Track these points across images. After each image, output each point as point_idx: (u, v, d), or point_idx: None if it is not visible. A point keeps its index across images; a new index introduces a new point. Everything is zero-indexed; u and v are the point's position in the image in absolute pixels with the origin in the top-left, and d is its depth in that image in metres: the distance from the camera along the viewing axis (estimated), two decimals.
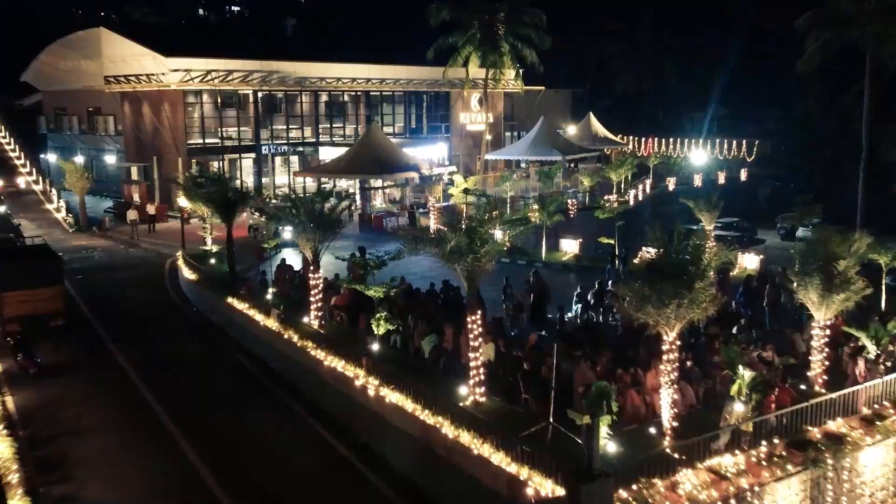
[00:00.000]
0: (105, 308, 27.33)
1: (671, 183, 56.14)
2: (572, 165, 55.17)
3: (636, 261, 31.14)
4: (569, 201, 43.35)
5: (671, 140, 69.66)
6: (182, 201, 32.24)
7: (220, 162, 47.50)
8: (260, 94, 48.94)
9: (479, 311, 15.56)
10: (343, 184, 50.72)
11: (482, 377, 15.67)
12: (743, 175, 60.52)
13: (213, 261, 30.60)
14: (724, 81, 68.25)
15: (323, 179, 49.67)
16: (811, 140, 63.03)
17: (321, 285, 21.71)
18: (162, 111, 44.95)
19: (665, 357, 13.98)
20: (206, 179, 29.96)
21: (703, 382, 16.02)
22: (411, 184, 43.85)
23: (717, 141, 67.80)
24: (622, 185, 50.19)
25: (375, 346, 19.32)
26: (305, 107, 51.32)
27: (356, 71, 51.51)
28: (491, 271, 15.41)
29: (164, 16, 75.98)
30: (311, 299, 21.58)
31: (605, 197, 47.08)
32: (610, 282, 23.00)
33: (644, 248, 32.40)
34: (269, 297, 24.38)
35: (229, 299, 24.53)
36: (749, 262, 29.08)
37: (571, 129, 62.86)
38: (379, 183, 42.45)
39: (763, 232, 47.77)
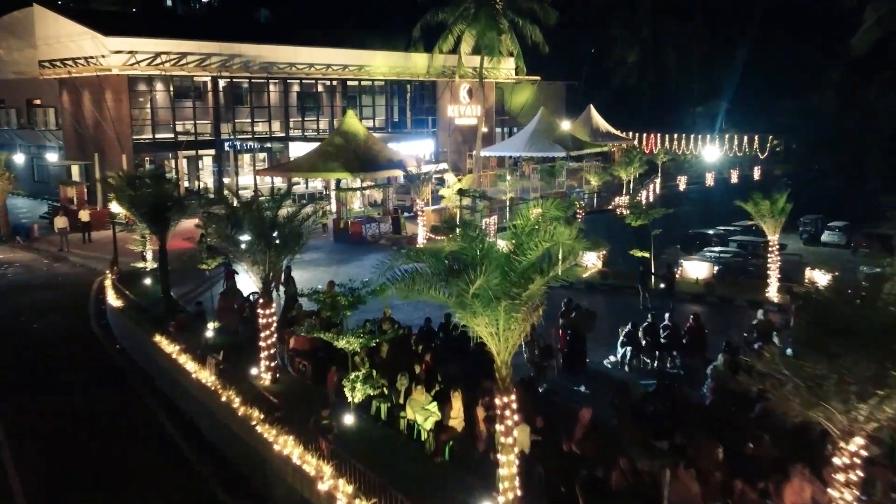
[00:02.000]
0: (1, 345, 21.13)
1: (682, 182, 50.90)
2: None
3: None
4: (576, 202, 37.64)
5: (675, 136, 64.43)
6: (115, 206, 25.96)
7: (175, 160, 41.21)
8: (222, 83, 42.73)
9: (515, 393, 9.67)
10: (317, 185, 44.86)
11: (517, 488, 9.81)
12: (756, 173, 55.43)
13: (148, 281, 24.46)
14: (734, 72, 62.93)
15: (295, 180, 43.80)
16: (829, 135, 57.92)
17: (275, 324, 15.74)
18: (104, 100, 38.60)
19: (842, 476, 8.20)
20: (144, 179, 23.83)
21: None
22: (395, 184, 37.83)
23: (727, 137, 62.64)
24: (630, 185, 44.80)
25: (350, 419, 13.39)
26: (273, 97, 45.14)
27: (331, 56, 45.37)
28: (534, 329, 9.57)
29: (128, 6, 69.36)
30: (262, 344, 15.60)
31: (618, 198, 41.61)
32: (667, 315, 17.13)
33: (682, 262, 26.74)
34: (209, 334, 18.36)
35: (157, 337, 18.48)
36: (824, 280, 23.15)
37: (566, 125, 57.07)
38: (357, 183, 36.39)
39: (782, 236, 42.70)
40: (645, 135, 65.56)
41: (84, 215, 33.56)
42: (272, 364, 15.60)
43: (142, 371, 19.28)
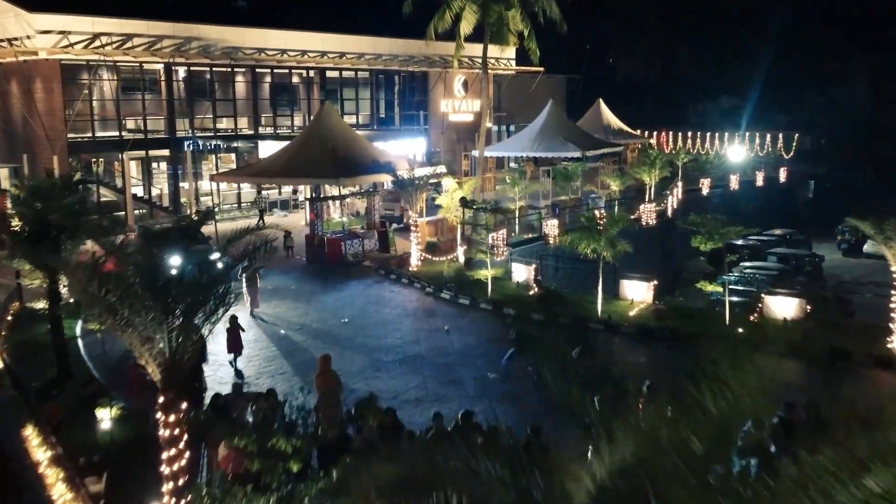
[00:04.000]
0: None
1: (705, 185, 45.23)
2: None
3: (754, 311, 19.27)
4: (596, 212, 31.76)
5: (688, 134, 58.80)
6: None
7: (122, 162, 34.88)
8: (181, 72, 36.47)
9: None
10: (289, 191, 38.78)
11: None
12: (782, 175, 49.95)
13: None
14: (752, 64, 57.32)
15: (265, 186, 37.70)
16: (861, 131, 52.53)
17: (185, 436, 9.61)
18: (32, 91, 32.27)
19: None
20: (54, 187, 17.65)
21: None
22: (382, 191, 31.76)
23: (747, 135, 57.05)
24: (652, 189, 39.03)
25: None
26: (240, 89, 38.93)
27: (307, 41, 39.18)
28: None
29: None
30: (166, 471, 9.48)
31: (643, 205, 35.74)
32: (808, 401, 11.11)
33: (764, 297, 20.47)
34: (105, 425, 12.19)
35: (28, 429, 12.34)
36: None
37: None
38: (336, 190, 30.31)
39: (816, 246, 37.48)
40: (656, 133, 59.99)
41: None
42: (182, 501, 9.49)
43: (11, 477, 13.05)
